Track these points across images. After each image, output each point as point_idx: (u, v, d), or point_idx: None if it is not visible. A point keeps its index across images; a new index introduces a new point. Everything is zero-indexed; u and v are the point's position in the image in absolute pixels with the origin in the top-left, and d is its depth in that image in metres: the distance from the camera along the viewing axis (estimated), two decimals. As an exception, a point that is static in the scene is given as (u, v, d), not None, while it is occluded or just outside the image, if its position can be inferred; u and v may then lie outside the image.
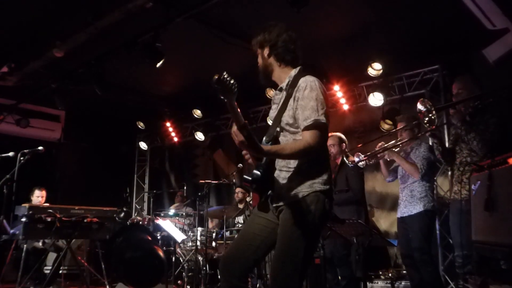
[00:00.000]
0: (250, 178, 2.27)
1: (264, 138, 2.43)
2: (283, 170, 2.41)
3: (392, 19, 5.46)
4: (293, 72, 2.51)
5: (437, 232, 5.73)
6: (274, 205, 2.42)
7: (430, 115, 3.13)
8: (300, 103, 2.35)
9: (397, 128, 4.57)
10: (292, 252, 2.27)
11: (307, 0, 4.33)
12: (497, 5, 4.39)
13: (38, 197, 6.61)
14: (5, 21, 5.68)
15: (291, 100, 2.40)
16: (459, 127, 3.77)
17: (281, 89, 2.55)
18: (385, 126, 6.15)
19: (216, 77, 2.07)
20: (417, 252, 4.20)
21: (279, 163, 2.43)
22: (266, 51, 2.54)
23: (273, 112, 2.58)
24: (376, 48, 5.99)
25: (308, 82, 2.36)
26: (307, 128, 2.29)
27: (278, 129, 2.46)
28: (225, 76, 2.08)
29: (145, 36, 5.30)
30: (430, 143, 5.04)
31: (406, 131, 4.45)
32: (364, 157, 4.46)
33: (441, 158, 3.99)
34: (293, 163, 2.39)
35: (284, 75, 2.54)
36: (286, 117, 2.41)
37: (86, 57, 5.99)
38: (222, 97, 2.15)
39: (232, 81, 2.10)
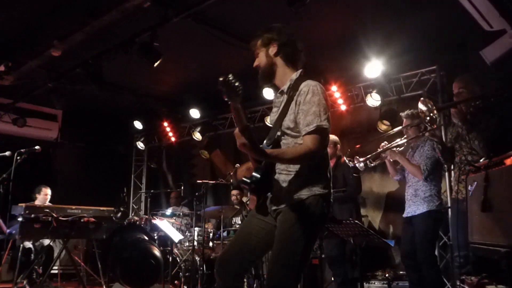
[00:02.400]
0: (248, 180, 2.27)
1: (265, 142, 2.43)
2: (283, 173, 2.41)
3: (389, 20, 5.46)
4: (294, 75, 2.49)
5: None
6: (273, 208, 2.42)
7: (432, 114, 3.13)
8: (302, 107, 2.33)
9: (403, 126, 4.48)
10: (289, 254, 2.27)
11: (304, 0, 4.34)
12: (494, 6, 4.39)
13: (46, 194, 6.62)
14: (2, 20, 5.66)
15: (293, 104, 2.38)
16: (460, 126, 3.77)
17: (282, 92, 2.52)
18: (383, 126, 6.15)
19: (222, 79, 2.04)
20: (420, 253, 4.13)
21: (278, 166, 2.43)
22: (273, 50, 2.49)
23: (273, 116, 2.57)
24: (374, 48, 6.00)
25: (311, 87, 2.35)
26: (309, 133, 2.29)
27: (279, 133, 2.44)
28: (231, 78, 2.05)
29: (143, 36, 5.30)
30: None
31: (412, 128, 4.36)
32: (364, 159, 4.43)
33: (440, 157, 3.98)
34: (293, 167, 2.38)
35: (286, 77, 2.51)
36: (287, 121, 2.40)
37: (84, 56, 5.99)
38: (226, 99, 2.13)
39: (237, 84, 2.07)
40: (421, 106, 3.21)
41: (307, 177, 2.36)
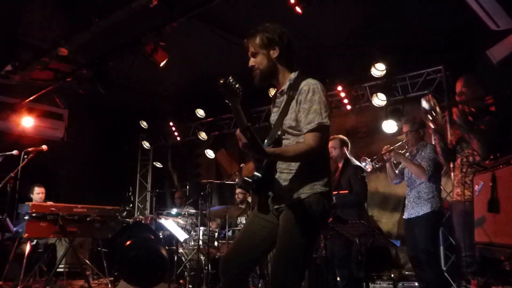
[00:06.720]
0: (250, 180, 2.28)
1: (266, 141, 2.43)
2: (284, 172, 2.42)
3: (395, 20, 5.44)
4: (293, 74, 2.50)
5: (440, 233, 5.71)
6: (275, 206, 2.43)
7: (434, 112, 3.13)
8: (303, 106, 2.35)
9: (403, 131, 4.56)
10: (292, 253, 2.29)
11: (309, 0, 4.33)
12: (501, 5, 4.37)
13: (38, 193, 6.66)
14: (9, 20, 5.70)
15: (293, 103, 2.40)
16: (462, 126, 3.76)
17: (282, 92, 2.53)
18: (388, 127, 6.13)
19: (222, 81, 2.07)
20: (423, 253, 4.17)
21: (280, 165, 2.44)
22: (275, 53, 2.48)
23: (274, 116, 2.57)
24: (380, 48, 5.98)
25: (311, 85, 2.37)
26: (310, 131, 2.31)
27: (280, 132, 2.46)
28: (231, 80, 2.07)
29: (149, 35, 5.31)
30: (433, 142, 5.05)
31: (412, 133, 4.44)
32: (371, 161, 4.46)
33: (441, 156, 3.98)
34: (294, 165, 2.40)
35: (285, 77, 2.52)
36: (289, 120, 2.41)
37: (90, 56, 6.01)
38: (227, 101, 2.15)
39: (237, 85, 2.09)
40: (424, 104, 3.21)
41: (308, 175, 2.37)
